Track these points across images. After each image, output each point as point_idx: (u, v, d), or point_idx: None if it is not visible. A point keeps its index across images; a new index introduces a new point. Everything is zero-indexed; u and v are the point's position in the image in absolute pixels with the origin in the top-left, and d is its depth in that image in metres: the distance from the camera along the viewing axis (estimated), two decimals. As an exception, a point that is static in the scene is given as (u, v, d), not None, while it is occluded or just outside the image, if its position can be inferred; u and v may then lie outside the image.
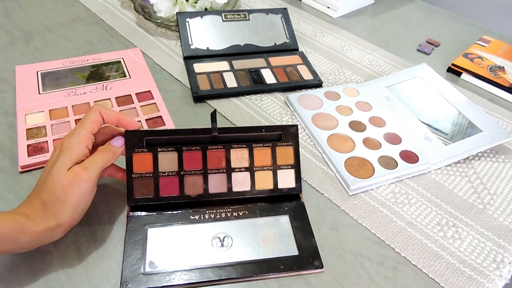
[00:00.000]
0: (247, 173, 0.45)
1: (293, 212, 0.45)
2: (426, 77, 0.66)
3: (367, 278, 0.41)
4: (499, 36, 0.81)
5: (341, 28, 0.82)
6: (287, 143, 0.46)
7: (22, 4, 0.81)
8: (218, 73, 0.64)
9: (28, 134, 0.52)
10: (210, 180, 0.44)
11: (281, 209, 0.45)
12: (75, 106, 0.57)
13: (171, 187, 0.43)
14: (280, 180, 0.45)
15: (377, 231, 0.45)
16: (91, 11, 0.80)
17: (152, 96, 0.60)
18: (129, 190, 0.42)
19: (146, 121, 0.56)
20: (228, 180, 0.44)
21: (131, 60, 0.67)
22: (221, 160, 0.44)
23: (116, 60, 0.66)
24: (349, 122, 0.57)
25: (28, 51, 0.68)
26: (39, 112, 0.55)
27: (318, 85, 0.65)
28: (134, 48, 0.70)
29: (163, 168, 0.43)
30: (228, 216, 0.43)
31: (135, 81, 0.63)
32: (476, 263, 0.43)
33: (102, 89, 0.60)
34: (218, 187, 0.44)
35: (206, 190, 0.43)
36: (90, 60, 0.66)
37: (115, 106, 0.58)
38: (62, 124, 0.54)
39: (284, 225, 0.44)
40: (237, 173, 0.45)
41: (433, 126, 0.58)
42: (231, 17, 0.71)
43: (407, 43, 0.80)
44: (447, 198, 0.50)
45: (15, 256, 0.40)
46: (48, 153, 0.49)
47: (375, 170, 0.50)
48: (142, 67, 0.66)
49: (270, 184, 0.45)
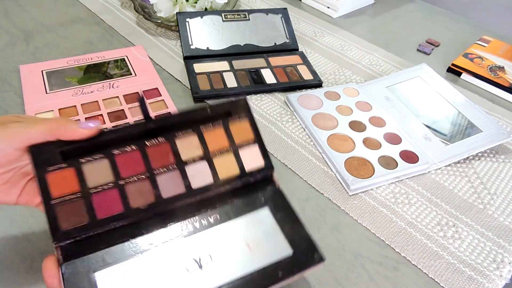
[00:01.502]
0: (204, 162, 0.36)
1: (272, 201, 0.36)
2: (426, 77, 0.66)
3: (367, 278, 0.41)
4: (499, 36, 0.81)
5: (341, 28, 0.82)
6: (240, 116, 0.38)
7: (22, 4, 0.81)
8: (218, 73, 0.64)
9: None
10: (160, 182, 0.34)
11: (257, 202, 0.36)
12: (84, 104, 0.57)
13: (110, 204, 0.33)
14: (245, 160, 0.37)
15: (377, 231, 0.45)
16: (91, 11, 0.80)
17: (159, 93, 0.61)
18: (51, 222, 0.31)
19: (155, 117, 0.56)
20: (183, 176, 0.35)
21: (135, 58, 0.67)
22: (166, 154, 0.35)
23: (120, 58, 0.67)
24: (349, 122, 0.58)
25: (28, 51, 0.68)
26: (49, 111, 0.56)
27: (318, 85, 0.66)
28: (138, 45, 0.71)
29: (94, 183, 0.33)
30: (197, 228, 0.34)
31: (141, 78, 0.63)
32: (476, 263, 0.43)
33: (109, 87, 0.61)
34: (173, 188, 0.34)
35: (159, 195, 0.34)
36: (94, 59, 0.66)
37: (123, 104, 0.58)
38: None
39: (266, 220, 0.35)
40: (191, 165, 0.35)
41: (433, 126, 0.58)
42: (231, 17, 0.71)
43: (407, 43, 0.80)
44: (447, 198, 0.50)
45: (15, 256, 0.40)
46: None
47: (375, 170, 0.50)
48: (147, 64, 0.66)
49: (235, 169, 0.37)
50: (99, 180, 0.33)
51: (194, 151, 0.36)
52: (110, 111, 0.57)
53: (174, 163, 0.35)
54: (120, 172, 0.34)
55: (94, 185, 0.33)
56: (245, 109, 0.38)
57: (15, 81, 0.61)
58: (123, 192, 0.33)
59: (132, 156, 0.34)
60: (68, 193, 0.32)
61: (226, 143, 0.37)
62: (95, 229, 0.32)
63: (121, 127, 0.34)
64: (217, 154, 0.37)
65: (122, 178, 0.34)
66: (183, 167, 0.35)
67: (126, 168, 0.34)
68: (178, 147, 0.36)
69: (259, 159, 0.38)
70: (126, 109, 0.57)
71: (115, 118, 0.56)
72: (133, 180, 0.34)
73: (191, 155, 0.36)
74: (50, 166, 0.32)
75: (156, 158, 0.35)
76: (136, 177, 0.34)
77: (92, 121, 0.33)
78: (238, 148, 0.37)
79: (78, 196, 0.32)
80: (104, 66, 0.65)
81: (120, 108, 0.57)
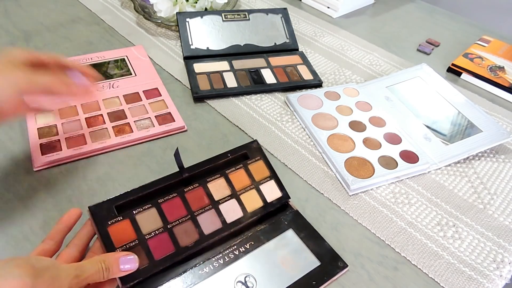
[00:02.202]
0: (233, 200, 0.43)
1: (294, 223, 0.44)
2: (426, 77, 0.66)
3: (367, 278, 0.41)
4: (499, 36, 0.81)
5: (341, 28, 0.82)
6: (256, 158, 0.46)
7: (22, 4, 0.81)
8: (218, 73, 0.64)
9: (39, 133, 0.52)
10: (200, 221, 0.40)
11: (281, 226, 0.43)
12: (83, 104, 0.57)
13: (164, 246, 0.38)
14: (266, 194, 0.44)
15: (377, 231, 0.45)
16: (91, 11, 0.80)
17: (159, 93, 0.61)
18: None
19: (156, 118, 0.56)
20: (218, 214, 0.41)
21: (135, 58, 0.67)
22: (202, 197, 0.42)
23: (120, 58, 0.66)
24: (349, 122, 0.57)
25: (28, 51, 0.68)
26: (48, 111, 0.55)
27: (318, 85, 0.66)
28: (138, 45, 0.71)
29: (147, 229, 0.38)
30: (237, 255, 0.40)
31: (141, 78, 0.63)
32: (476, 263, 0.43)
33: (109, 87, 0.60)
34: (212, 225, 0.41)
35: (202, 233, 0.40)
36: (94, 59, 0.66)
37: (123, 104, 0.58)
38: (72, 122, 0.54)
39: (293, 239, 0.42)
40: (223, 204, 0.42)
41: (433, 126, 0.58)
42: (231, 17, 0.71)
43: (407, 43, 0.80)
44: (447, 198, 0.50)
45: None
46: (61, 151, 0.50)
47: (375, 170, 0.50)
48: (147, 64, 0.66)
49: (259, 202, 0.43)
50: (151, 227, 0.39)
51: (224, 192, 0.43)
52: (110, 111, 0.56)
53: (209, 204, 0.42)
54: (167, 217, 0.40)
55: (147, 231, 0.38)
56: (259, 152, 0.46)
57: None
58: (172, 234, 0.39)
59: (174, 202, 0.41)
60: (128, 241, 0.37)
61: (248, 182, 0.44)
62: (155, 269, 0.37)
63: (161, 178, 0.41)
64: (242, 191, 0.44)
65: (170, 222, 0.40)
66: (217, 206, 0.42)
67: (171, 213, 0.40)
68: (211, 190, 0.43)
69: (277, 191, 0.45)
70: (126, 109, 0.57)
71: (115, 118, 0.56)
72: (178, 222, 0.40)
73: (222, 195, 0.43)
74: (109, 221, 0.37)
75: (194, 201, 0.41)
76: (180, 219, 0.40)
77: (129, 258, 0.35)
78: (258, 185, 0.44)
79: (136, 243, 0.37)
80: (104, 66, 0.65)
81: (120, 108, 0.57)
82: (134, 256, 0.35)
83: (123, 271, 0.34)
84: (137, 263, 0.35)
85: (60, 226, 0.37)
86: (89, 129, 0.54)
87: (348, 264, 0.41)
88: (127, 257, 0.35)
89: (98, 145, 0.52)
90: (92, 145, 0.51)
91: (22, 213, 0.44)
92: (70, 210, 0.38)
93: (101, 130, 0.54)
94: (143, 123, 0.55)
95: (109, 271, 0.33)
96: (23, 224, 0.43)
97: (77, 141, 0.52)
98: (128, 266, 0.34)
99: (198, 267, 0.39)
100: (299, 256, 0.41)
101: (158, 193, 0.41)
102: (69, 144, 0.51)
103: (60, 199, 0.46)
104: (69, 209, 0.39)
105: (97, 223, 0.37)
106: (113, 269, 0.34)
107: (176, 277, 0.38)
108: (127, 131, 0.54)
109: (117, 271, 0.34)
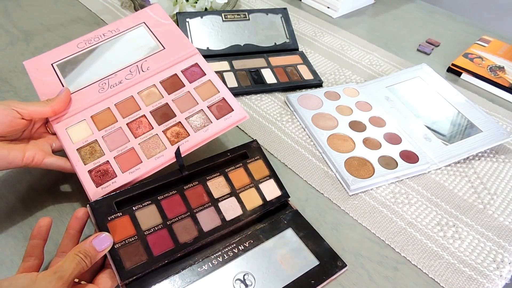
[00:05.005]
0: (233, 198, 0.43)
1: (293, 222, 0.44)
2: (426, 77, 0.66)
3: (367, 278, 0.41)
4: (499, 36, 0.81)
5: (341, 28, 0.82)
6: (255, 158, 0.46)
7: (22, 4, 0.81)
8: (218, 73, 0.64)
9: (82, 156, 0.42)
10: (200, 218, 0.41)
11: (281, 225, 0.43)
12: (118, 104, 0.46)
13: (163, 242, 0.38)
14: (265, 192, 0.44)
15: (377, 231, 0.45)
16: (91, 11, 0.80)
17: (201, 70, 0.48)
18: (117, 264, 0.36)
19: (209, 108, 0.46)
20: (217, 211, 0.41)
21: (156, 23, 0.52)
22: (202, 195, 0.42)
23: (137, 26, 0.52)
24: (349, 122, 0.58)
25: (28, 51, 0.68)
26: (80, 122, 0.44)
27: (318, 85, 0.66)
28: (153, 4, 0.55)
29: (147, 225, 0.39)
30: (236, 253, 0.40)
31: (172, 51, 0.49)
32: (476, 263, 0.43)
33: (138, 71, 0.47)
34: (211, 222, 0.41)
35: (201, 230, 0.40)
36: (107, 34, 0.51)
37: (165, 95, 0.46)
38: (114, 133, 0.44)
39: (292, 239, 0.42)
40: (223, 202, 0.42)
41: (433, 126, 0.58)
42: (231, 17, 0.71)
43: (407, 43, 0.80)
44: (447, 198, 0.50)
45: (15, 256, 0.40)
46: (116, 177, 0.41)
47: (375, 170, 0.50)
48: (172, 29, 0.51)
49: (258, 200, 0.43)
50: (151, 223, 0.39)
51: (223, 190, 0.43)
52: (153, 109, 0.45)
53: (209, 201, 0.42)
54: (167, 214, 0.40)
55: (147, 228, 0.39)
56: (258, 151, 0.46)
57: (15, 81, 0.61)
58: (172, 231, 0.39)
59: (174, 199, 0.41)
60: (127, 237, 0.38)
61: (248, 180, 0.44)
62: (153, 265, 0.37)
63: (161, 176, 0.41)
64: (242, 189, 0.44)
65: (169, 219, 0.40)
66: (216, 204, 0.42)
67: (170, 210, 0.40)
68: (210, 188, 0.43)
69: (276, 190, 0.45)
70: (170, 102, 0.46)
71: (162, 118, 0.45)
72: (178, 219, 0.40)
73: (221, 193, 0.43)
74: (108, 216, 0.38)
75: (194, 199, 0.42)
76: (180, 216, 0.40)
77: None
78: (258, 183, 0.44)
79: (136, 239, 0.38)
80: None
81: (163, 102, 0.46)
82: (105, 234, 0.36)
83: (103, 251, 0.35)
84: (111, 238, 0.36)
85: (33, 241, 0.36)
86: (137, 139, 0.43)
87: (347, 264, 0.41)
88: (99, 237, 0.35)
89: (155, 161, 0.42)
90: (148, 163, 0.42)
91: (22, 213, 0.44)
92: (39, 221, 0.37)
93: (152, 138, 0.43)
94: (197, 119, 0.45)
95: (89, 257, 0.34)
96: (23, 224, 0.43)
97: (130, 159, 0.42)
98: (104, 246, 0.35)
99: (197, 264, 0.39)
100: (298, 255, 0.41)
101: (158, 190, 0.41)
102: (122, 166, 0.42)
103: (60, 199, 0.46)
104: (69, 209, 0.39)
105: (96, 218, 0.37)
106: (92, 254, 0.34)
107: (175, 274, 0.38)
108: (182, 135, 0.44)
109: (96, 253, 0.34)
